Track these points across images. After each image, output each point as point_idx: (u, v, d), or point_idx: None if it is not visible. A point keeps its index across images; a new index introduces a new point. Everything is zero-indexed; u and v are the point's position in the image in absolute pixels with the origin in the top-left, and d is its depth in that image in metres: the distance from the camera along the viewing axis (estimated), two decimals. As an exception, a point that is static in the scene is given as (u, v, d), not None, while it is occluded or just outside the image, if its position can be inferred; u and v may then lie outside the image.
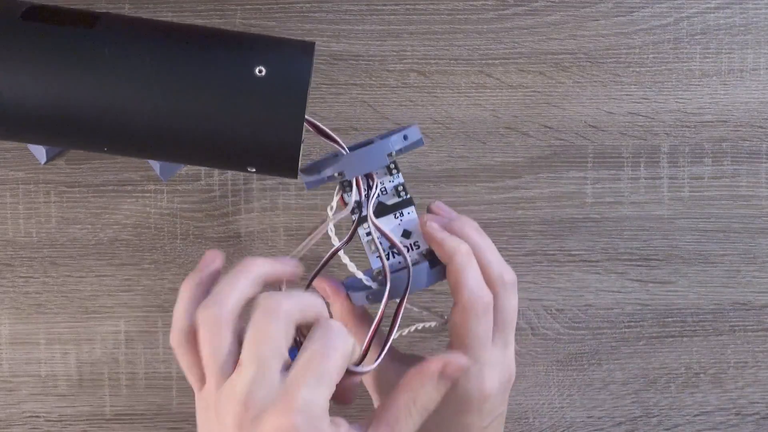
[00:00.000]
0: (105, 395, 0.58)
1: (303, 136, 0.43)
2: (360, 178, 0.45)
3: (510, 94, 0.59)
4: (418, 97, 0.58)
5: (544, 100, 0.59)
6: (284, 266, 0.41)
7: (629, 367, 0.59)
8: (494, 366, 0.44)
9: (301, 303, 0.38)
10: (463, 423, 0.44)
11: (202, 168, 0.58)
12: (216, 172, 0.58)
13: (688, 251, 0.59)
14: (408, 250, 0.47)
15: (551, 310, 0.59)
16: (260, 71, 0.42)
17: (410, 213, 0.48)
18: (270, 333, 0.36)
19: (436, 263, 0.46)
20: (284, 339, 0.36)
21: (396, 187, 0.48)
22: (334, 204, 0.47)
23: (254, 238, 0.58)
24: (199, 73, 0.42)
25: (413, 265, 0.46)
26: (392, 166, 0.48)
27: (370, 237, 0.47)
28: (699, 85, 0.59)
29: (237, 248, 0.58)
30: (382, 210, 0.48)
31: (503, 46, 0.59)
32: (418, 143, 0.47)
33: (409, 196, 0.48)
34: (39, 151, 0.57)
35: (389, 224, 0.48)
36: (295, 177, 0.46)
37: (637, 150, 0.59)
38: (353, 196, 0.46)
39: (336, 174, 0.45)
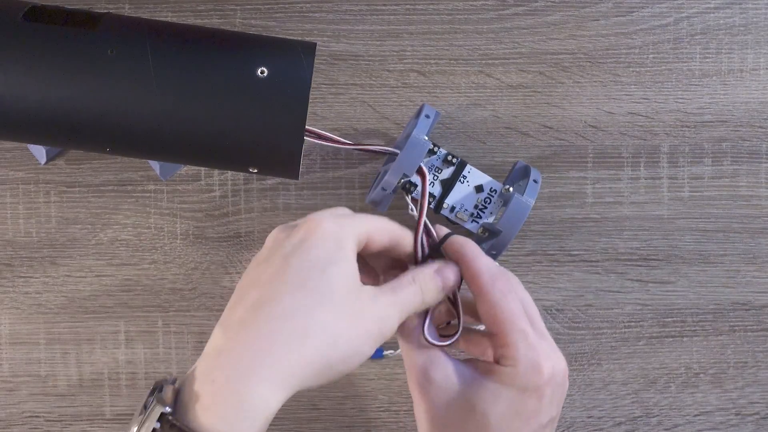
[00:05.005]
0: (105, 395, 0.58)
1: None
2: (423, 170, 0.51)
3: (510, 94, 0.59)
4: (418, 97, 0.58)
5: (544, 100, 0.59)
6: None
7: (629, 367, 0.59)
8: (544, 350, 0.43)
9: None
10: (527, 409, 0.42)
11: (202, 168, 0.58)
12: (216, 172, 0.58)
13: (688, 251, 0.59)
14: (489, 201, 0.54)
15: (551, 310, 0.59)
16: (262, 72, 0.42)
17: (470, 171, 0.54)
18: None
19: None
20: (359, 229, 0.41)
21: (444, 159, 0.54)
22: (411, 205, 0.52)
23: (254, 238, 0.58)
24: (202, 74, 0.42)
25: (508, 203, 0.52)
26: (431, 146, 0.54)
27: (453, 212, 0.54)
28: (699, 85, 0.59)
29: (237, 248, 0.58)
30: (449, 184, 0.54)
31: (503, 46, 0.59)
32: (437, 117, 0.54)
33: (460, 159, 0.54)
34: (39, 152, 0.57)
35: (462, 191, 0.54)
36: (296, 178, 0.47)
37: (637, 150, 0.59)
38: (422, 189, 0.51)
39: (400, 180, 0.51)
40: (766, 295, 0.59)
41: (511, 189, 0.53)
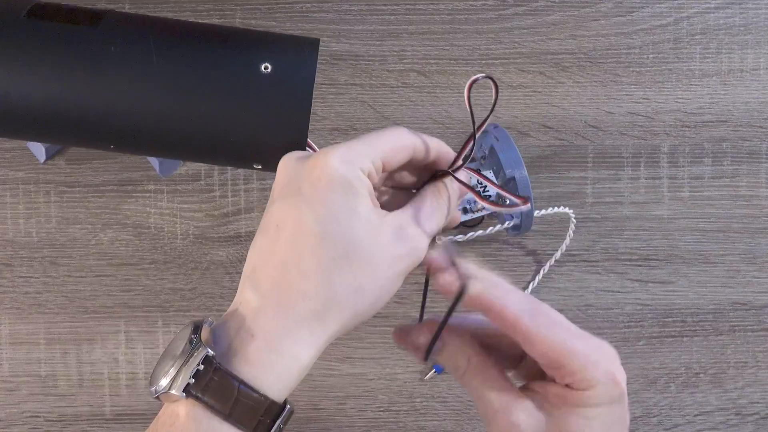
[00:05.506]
0: (105, 395, 0.58)
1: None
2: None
3: (510, 94, 0.59)
4: (418, 97, 0.58)
5: (544, 100, 0.59)
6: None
7: (629, 367, 0.59)
8: (604, 354, 0.41)
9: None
10: (617, 420, 0.41)
11: (202, 168, 0.58)
12: (216, 172, 0.58)
13: (688, 251, 0.59)
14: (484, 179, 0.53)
15: (551, 310, 0.59)
16: (266, 68, 0.42)
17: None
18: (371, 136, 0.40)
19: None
20: (377, 149, 0.40)
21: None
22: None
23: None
24: (205, 70, 0.42)
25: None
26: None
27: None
28: (699, 85, 0.59)
29: (237, 248, 0.58)
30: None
31: (503, 46, 0.59)
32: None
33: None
34: (38, 150, 0.57)
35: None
36: None
37: (637, 150, 0.59)
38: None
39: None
40: (766, 295, 0.59)
41: (486, 151, 0.53)
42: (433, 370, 0.58)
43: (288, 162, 0.41)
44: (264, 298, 0.38)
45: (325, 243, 0.38)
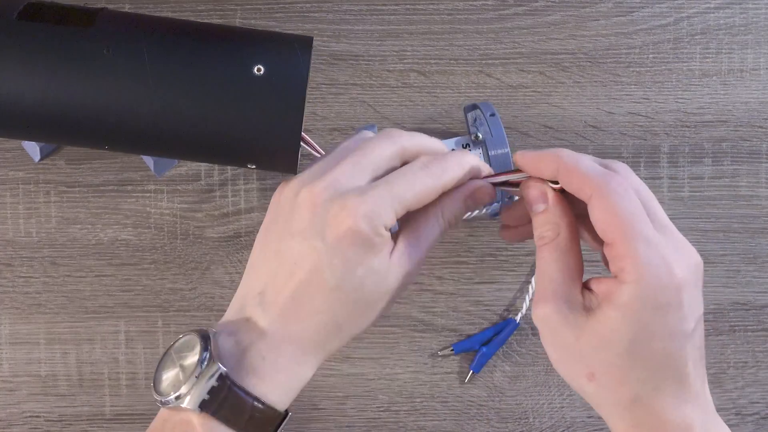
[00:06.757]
0: (105, 395, 0.58)
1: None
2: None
3: (510, 94, 0.59)
4: (418, 97, 0.58)
5: (544, 100, 0.59)
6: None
7: (629, 367, 0.59)
8: (671, 248, 0.38)
9: (421, 143, 0.43)
10: (666, 325, 0.37)
11: (202, 168, 0.58)
12: (216, 172, 0.58)
13: (688, 251, 0.59)
14: None
15: (551, 310, 0.59)
16: (258, 70, 0.42)
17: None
18: (377, 148, 0.41)
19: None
20: (386, 160, 0.41)
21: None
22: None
23: (254, 238, 0.58)
24: (198, 72, 0.42)
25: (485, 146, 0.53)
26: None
27: None
28: (699, 85, 0.59)
29: (237, 248, 0.58)
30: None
31: (503, 46, 0.59)
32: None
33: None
34: (33, 149, 0.57)
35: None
36: (295, 173, 0.47)
37: (637, 150, 0.59)
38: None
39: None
40: (766, 295, 0.59)
41: (479, 135, 0.53)
42: (451, 348, 0.58)
43: (317, 200, 0.40)
44: (273, 324, 0.40)
45: (337, 293, 0.40)
